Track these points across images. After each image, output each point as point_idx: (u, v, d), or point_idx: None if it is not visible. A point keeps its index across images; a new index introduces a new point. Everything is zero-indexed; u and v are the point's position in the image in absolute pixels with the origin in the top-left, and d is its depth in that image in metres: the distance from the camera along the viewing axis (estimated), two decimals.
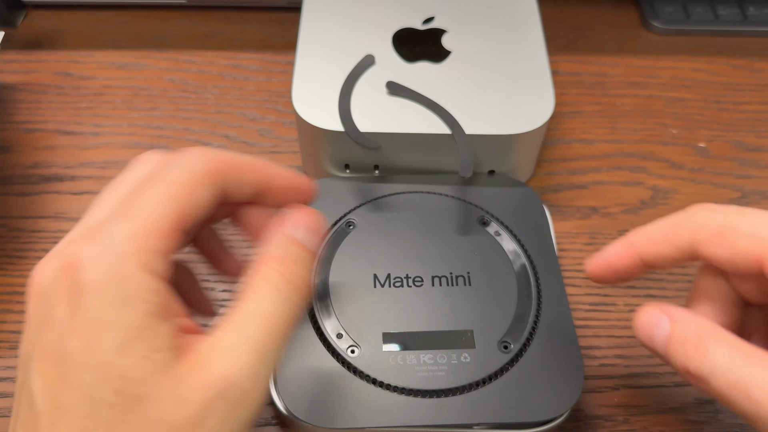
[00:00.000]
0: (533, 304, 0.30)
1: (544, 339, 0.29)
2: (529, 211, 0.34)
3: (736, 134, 0.42)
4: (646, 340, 0.23)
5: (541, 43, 0.38)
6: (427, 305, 0.30)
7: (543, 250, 0.32)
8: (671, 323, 0.22)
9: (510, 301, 0.30)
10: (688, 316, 0.22)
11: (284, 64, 0.45)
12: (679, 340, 0.22)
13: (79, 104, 0.43)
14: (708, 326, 0.21)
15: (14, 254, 0.36)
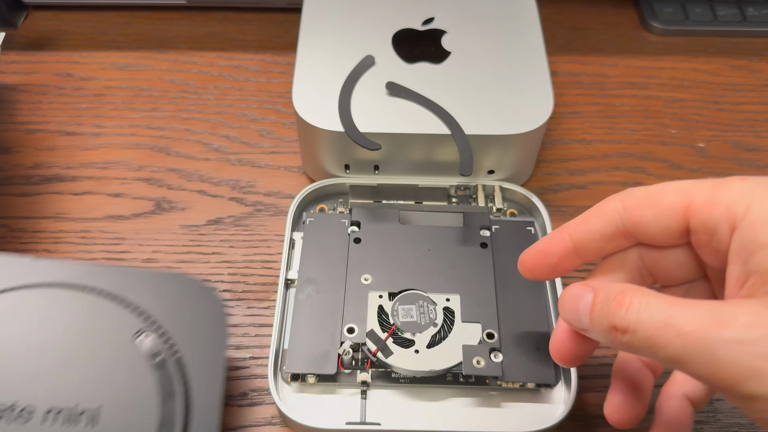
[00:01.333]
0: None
1: None
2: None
3: (735, 134, 0.42)
4: (571, 315, 0.23)
5: (540, 44, 0.38)
6: None
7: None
8: (594, 291, 0.22)
9: None
10: (610, 282, 0.23)
11: (284, 65, 0.45)
12: (603, 300, 0.22)
13: (80, 105, 0.43)
14: (631, 285, 0.22)
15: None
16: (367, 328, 0.30)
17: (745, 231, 0.20)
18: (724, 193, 0.21)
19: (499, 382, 0.29)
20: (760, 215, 0.19)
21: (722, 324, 0.18)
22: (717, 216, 0.20)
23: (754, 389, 0.18)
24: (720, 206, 0.20)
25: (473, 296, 0.31)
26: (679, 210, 0.22)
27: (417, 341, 0.30)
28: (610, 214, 0.23)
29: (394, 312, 0.30)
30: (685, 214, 0.21)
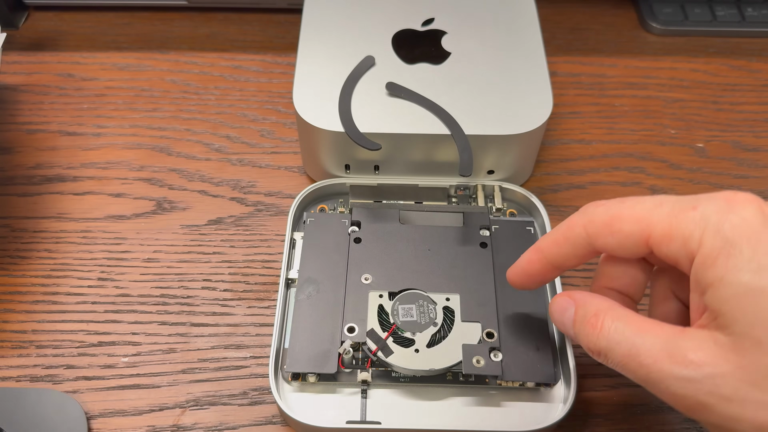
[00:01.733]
0: None
1: None
2: None
3: (734, 134, 0.42)
4: (560, 326, 0.25)
5: (539, 44, 0.38)
6: None
7: None
8: (575, 306, 0.24)
9: None
10: (589, 297, 0.24)
11: (285, 66, 0.45)
12: (581, 320, 0.23)
13: (81, 105, 0.43)
14: (605, 304, 0.23)
15: (16, 254, 0.36)
16: (368, 328, 0.30)
17: (698, 268, 0.20)
18: (681, 226, 0.21)
19: (499, 382, 0.30)
20: (710, 252, 0.20)
21: (675, 360, 0.20)
22: (675, 250, 0.21)
23: (704, 419, 0.20)
24: (677, 241, 0.21)
25: (473, 296, 0.31)
26: (639, 240, 0.22)
27: (417, 340, 0.30)
28: (578, 240, 0.24)
29: (394, 311, 0.31)
30: (647, 244, 0.22)
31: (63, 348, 0.33)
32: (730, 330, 0.19)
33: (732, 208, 0.20)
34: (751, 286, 0.19)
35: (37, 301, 0.34)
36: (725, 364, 0.19)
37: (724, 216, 0.20)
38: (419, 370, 0.29)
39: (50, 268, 0.36)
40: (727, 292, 0.19)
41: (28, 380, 0.32)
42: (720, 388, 0.19)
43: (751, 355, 0.19)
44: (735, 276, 0.19)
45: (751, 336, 0.19)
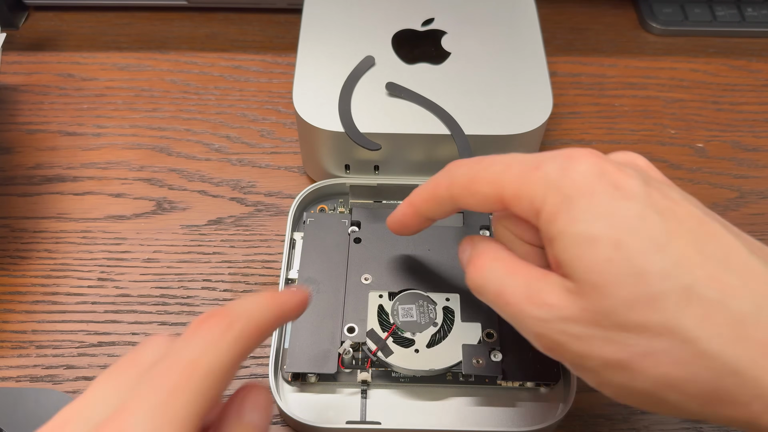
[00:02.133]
0: None
1: None
2: None
3: (734, 134, 0.42)
4: (461, 264, 0.26)
5: (539, 44, 0.38)
6: None
7: None
8: (470, 247, 0.25)
9: None
10: (482, 241, 0.25)
11: (285, 66, 0.45)
12: (468, 259, 0.25)
13: (81, 105, 0.43)
14: (490, 246, 0.25)
15: (16, 254, 0.36)
16: (368, 328, 0.30)
17: (543, 223, 0.22)
18: (527, 187, 0.22)
19: (499, 382, 0.30)
20: (551, 208, 0.21)
21: (533, 301, 0.22)
22: (525, 209, 0.22)
23: (561, 357, 0.22)
24: (525, 201, 0.22)
25: (473, 296, 0.31)
26: (495, 201, 0.23)
27: (417, 341, 0.30)
28: (442, 198, 0.25)
29: (394, 311, 0.31)
30: (502, 203, 0.23)
31: (63, 348, 0.33)
32: (573, 277, 0.21)
33: (571, 165, 0.21)
34: (585, 235, 0.20)
35: (37, 302, 0.34)
36: (572, 307, 0.21)
37: (564, 173, 0.21)
38: (419, 370, 0.29)
39: (50, 269, 0.36)
40: (566, 243, 0.21)
41: (28, 380, 0.32)
42: (570, 328, 0.21)
43: (590, 298, 0.20)
44: (572, 227, 0.20)
45: (588, 281, 0.20)
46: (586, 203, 0.20)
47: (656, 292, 0.19)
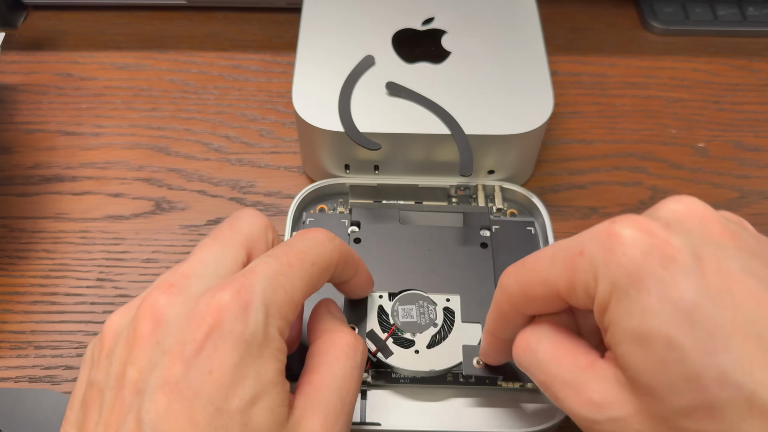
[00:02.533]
0: None
1: None
2: None
3: (735, 134, 0.42)
4: None
5: (540, 44, 0.38)
6: None
7: None
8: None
9: None
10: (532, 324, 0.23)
11: (284, 65, 0.45)
12: (517, 333, 0.23)
13: (79, 105, 0.43)
14: (541, 324, 0.23)
15: (15, 254, 0.36)
16: (367, 329, 0.30)
17: (596, 313, 0.20)
18: (576, 277, 0.20)
19: (500, 383, 0.29)
20: (602, 298, 0.19)
21: (581, 399, 0.20)
22: (581, 301, 0.20)
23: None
24: (578, 292, 0.20)
25: (473, 296, 0.31)
26: (554, 299, 0.21)
27: (417, 341, 0.30)
28: (509, 314, 0.24)
29: (394, 312, 0.30)
30: (561, 299, 0.21)
31: (62, 348, 0.33)
32: (627, 373, 0.19)
33: (613, 245, 0.19)
34: (637, 332, 0.18)
35: (35, 302, 0.34)
36: (626, 407, 0.19)
37: (608, 256, 0.19)
38: (419, 371, 0.29)
39: (49, 269, 0.35)
40: (618, 337, 0.19)
41: (26, 381, 0.32)
42: (623, 428, 0.19)
43: (645, 400, 0.18)
44: (624, 321, 0.18)
45: (642, 382, 0.18)
46: (635, 293, 0.18)
47: (715, 400, 0.17)
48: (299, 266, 0.22)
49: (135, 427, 0.19)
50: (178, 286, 0.21)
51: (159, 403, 0.19)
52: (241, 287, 0.21)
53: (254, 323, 0.20)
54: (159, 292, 0.21)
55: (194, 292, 0.21)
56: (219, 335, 0.20)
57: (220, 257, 0.23)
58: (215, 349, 0.20)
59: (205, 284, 0.22)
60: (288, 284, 0.22)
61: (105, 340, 0.22)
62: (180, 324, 0.20)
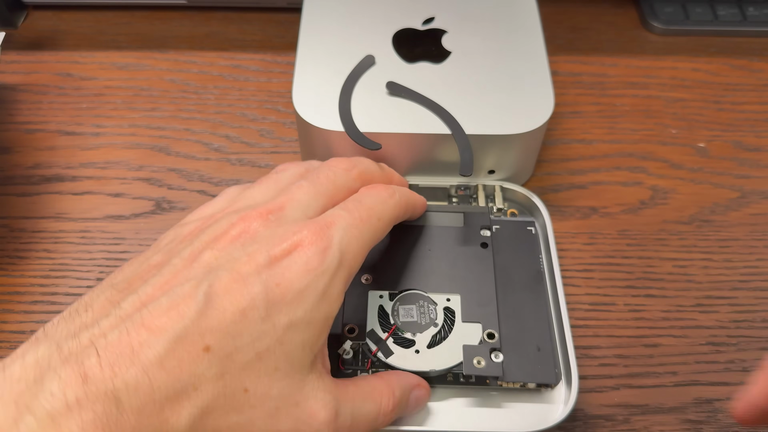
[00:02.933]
0: None
1: None
2: None
3: (736, 134, 0.42)
4: None
5: (540, 44, 0.38)
6: None
7: None
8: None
9: None
10: None
11: (284, 65, 0.45)
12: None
13: (80, 105, 0.43)
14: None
15: (15, 254, 0.36)
16: (368, 328, 0.30)
17: None
18: None
19: (500, 383, 0.29)
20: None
21: None
22: None
23: None
24: None
25: (474, 296, 0.31)
26: None
27: (417, 341, 0.30)
28: None
29: (394, 312, 0.30)
30: None
31: None
32: None
33: None
34: None
35: (35, 302, 0.34)
36: None
37: None
38: (420, 371, 0.29)
39: (49, 269, 0.35)
40: None
41: None
42: None
43: None
44: None
45: None
46: None
47: None
48: (368, 221, 0.25)
49: (191, 291, 0.21)
50: (274, 215, 0.24)
51: (223, 281, 0.21)
52: (323, 232, 0.24)
53: (329, 265, 0.23)
54: (256, 215, 0.24)
55: (284, 223, 0.24)
56: (295, 260, 0.22)
57: (312, 201, 0.26)
58: (289, 269, 0.22)
59: (295, 220, 0.24)
60: (360, 236, 0.25)
61: (191, 230, 0.25)
62: (266, 239, 0.23)
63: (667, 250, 0.36)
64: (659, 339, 0.33)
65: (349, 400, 0.24)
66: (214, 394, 0.20)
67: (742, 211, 0.38)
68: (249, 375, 0.21)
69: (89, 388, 0.19)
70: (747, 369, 0.32)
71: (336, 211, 0.25)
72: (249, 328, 0.21)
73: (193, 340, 0.20)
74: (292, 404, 0.22)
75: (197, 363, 0.20)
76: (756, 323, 0.34)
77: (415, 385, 0.28)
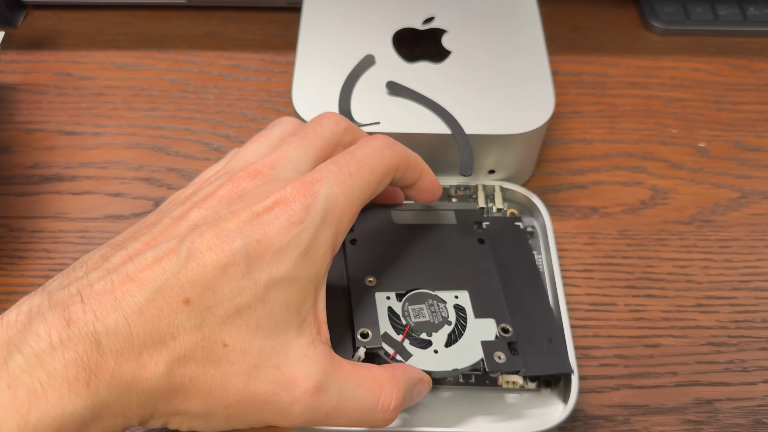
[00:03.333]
0: None
1: None
2: None
3: (736, 134, 0.42)
4: None
5: (541, 43, 0.38)
6: None
7: None
8: None
9: None
10: None
11: (284, 65, 0.45)
12: None
13: (79, 104, 0.43)
14: None
15: (15, 254, 0.36)
16: (381, 332, 0.28)
17: None
18: None
19: (500, 383, 0.29)
20: None
21: None
22: None
23: None
24: None
25: (480, 292, 0.30)
26: None
27: (434, 341, 0.28)
28: None
29: (405, 313, 0.29)
30: None
31: None
32: None
33: None
34: None
35: None
36: None
37: None
38: (443, 371, 0.28)
39: (48, 268, 0.35)
40: None
41: None
42: None
43: None
44: None
45: None
46: None
47: None
48: (358, 175, 0.25)
49: (175, 246, 0.22)
50: (263, 174, 0.24)
51: (205, 238, 0.22)
52: (307, 188, 0.23)
53: (312, 220, 0.23)
54: (245, 175, 0.24)
55: (273, 180, 0.24)
56: (277, 216, 0.22)
57: (301, 156, 0.26)
58: (270, 225, 0.22)
59: (284, 177, 0.24)
60: (347, 192, 0.24)
61: (187, 193, 0.26)
62: (251, 197, 0.23)
63: (667, 250, 0.36)
64: (659, 339, 0.33)
65: (341, 379, 0.23)
66: (192, 345, 0.21)
67: (743, 211, 0.38)
68: (229, 330, 0.21)
69: (72, 330, 0.20)
70: (747, 369, 0.32)
71: (325, 165, 0.25)
72: (229, 283, 0.21)
73: (173, 291, 0.21)
74: (272, 366, 0.22)
75: (176, 314, 0.21)
76: (756, 323, 0.34)
77: (419, 379, 0.27)
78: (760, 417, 0.31)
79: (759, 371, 0.32)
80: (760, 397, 0.31)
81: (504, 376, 0.30)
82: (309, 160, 0.26)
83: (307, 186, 0.23)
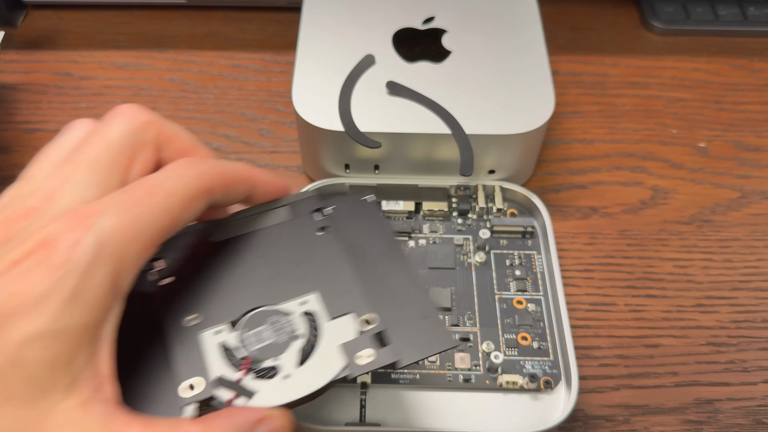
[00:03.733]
0: None
1: None
2: None
3: (736, 134, 0.42)
4: None
5: (541, 43, 0.38)
6: None
7: None
8: None
9: None
10: None
11: (284, 64, 0.45)
12: None
13: (79, 104, 0.43)
14: None
15: None
16: (212, 377, 0.22)
17: None
18: None
19: (500, 383, 0.29)
20: None
21: None
22: None
23: None
24: None
25: (332, 287, 0.25)
26: None
27: (282, 365, 0.23)
28: None
29: (243, 342, 0.24)
30: None
31: None
32: None
33: None
34: None
35: None
36: None
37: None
38: (298, 397, 0.23)
39: None
40: None
41: None
42: None
43: None
44: None
45: None
46: None
47: None
48: (149, 200, 0.21)
49: None
50: (38, 210, 0.20)
51: None
52: (79, 222, 0.19)
53: (79, 259, 0.19)
54: (17, 218, 0.20)
55: (45, 215, 0.20)
56: (39, 261, 0.19)
57: (84, 179, 0.21)
58: (29, 272, 0.18)
59: (58, 210, 0.20)
60: (131, 220, 0.20)
61: None
62: (14, 241, 0.19)
63: (667, 250, 0.36)
64: (659, 339, 0.33)
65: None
66: None
67: (743, 211, 0.38)
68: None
69: None
70: (747, 369, 0.32)
71: (112, 193, 0.21)
72: None
73: None
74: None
75: None
76: (756, 323, 0.34)
77: (256, 420, 0.21)
78: (760, 417, 0.31)
79: (759, 371, 0.32)
80: (760, 397, 0.31)
81: (503, 376, 0.30)
82: (96, 182, 0.21)
83: (79, 220, 0.19)
